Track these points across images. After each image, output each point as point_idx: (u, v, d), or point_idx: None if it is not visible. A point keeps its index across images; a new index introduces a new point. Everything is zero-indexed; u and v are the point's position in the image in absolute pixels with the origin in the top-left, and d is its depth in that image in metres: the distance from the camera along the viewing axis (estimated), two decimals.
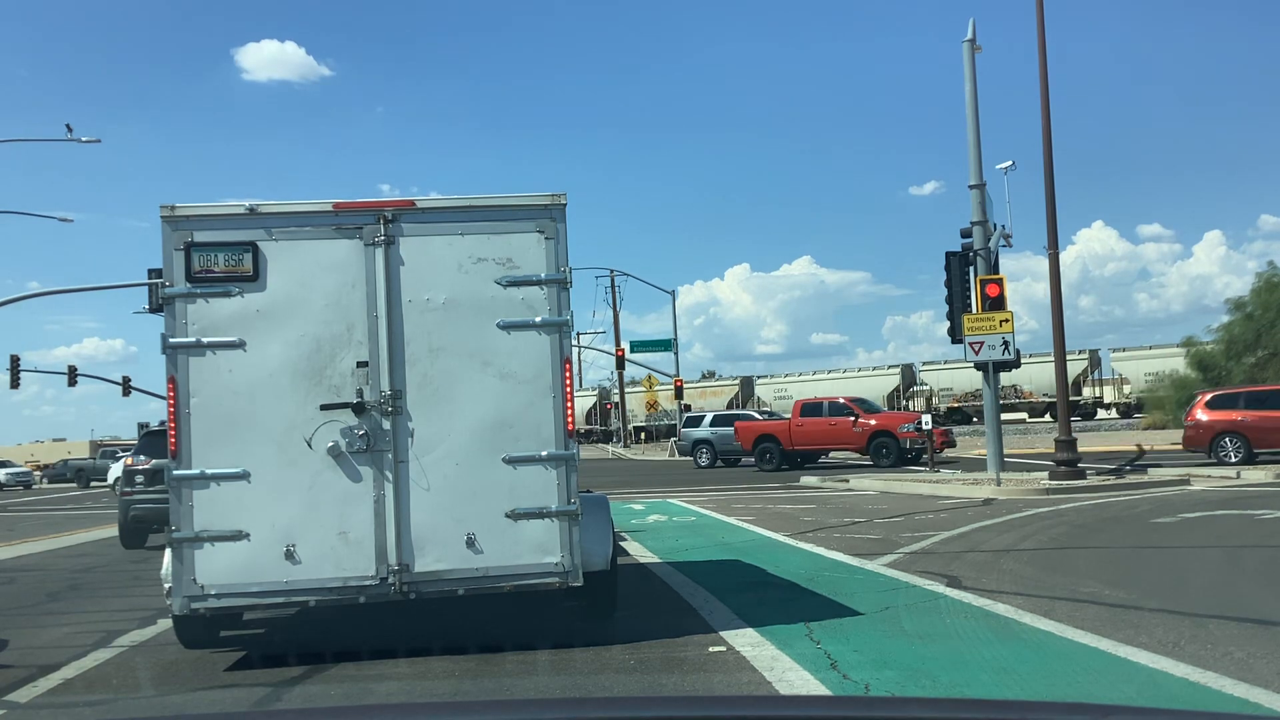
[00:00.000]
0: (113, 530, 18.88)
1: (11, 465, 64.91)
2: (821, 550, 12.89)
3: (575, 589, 7.84)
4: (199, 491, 7.42)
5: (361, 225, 7.70)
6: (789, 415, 34.47)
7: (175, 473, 7.44)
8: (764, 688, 6.38)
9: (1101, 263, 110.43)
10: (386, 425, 7.59)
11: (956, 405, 59.61)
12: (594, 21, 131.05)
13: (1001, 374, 23.62)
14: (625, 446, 66.28)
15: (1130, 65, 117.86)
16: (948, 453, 32.92)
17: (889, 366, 65.56)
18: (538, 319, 7.75)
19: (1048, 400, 54.67)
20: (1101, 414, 57.30)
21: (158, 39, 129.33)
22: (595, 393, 72.07)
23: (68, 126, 35.83)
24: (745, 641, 7.61)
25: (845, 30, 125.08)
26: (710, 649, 7.48)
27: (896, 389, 62.11)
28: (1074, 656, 6.90)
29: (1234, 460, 24.12)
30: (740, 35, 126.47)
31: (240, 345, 7.52)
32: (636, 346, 62.85)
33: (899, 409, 55.05)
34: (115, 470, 37.04)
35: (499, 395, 7.69)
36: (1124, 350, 58.02)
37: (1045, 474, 21.88)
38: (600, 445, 69.31)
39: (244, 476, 7.44)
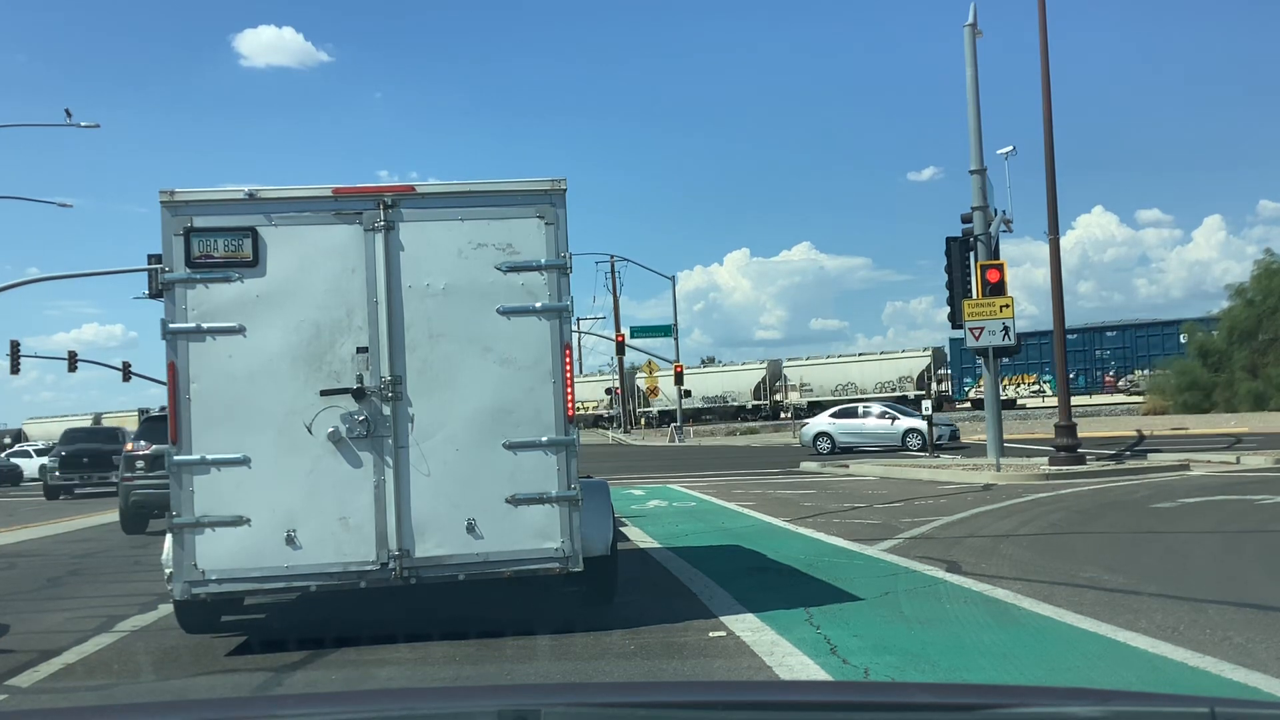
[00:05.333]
0: (114, 515, 18.92)
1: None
2: (821, 535, 12.91)
3: (575, 574, 7.84)
4: (199, 477, 7.42)
5: (361, 210, 7.69)
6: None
7: (176, 458, 7.44)
8: (764, 672, 6.40)
9: (1101, 248, 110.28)
10: (386, 411, 7.58)
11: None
12: (594, 7, 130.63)
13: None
14: (626, 432, 66.34)
15: (1130, 51, 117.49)
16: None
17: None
18: (538, 304, 7.74)
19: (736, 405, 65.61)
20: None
21: (156, 25, 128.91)
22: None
23: (67, 112, 35.67)
24: (745, 626, 7.63)
25: (844, 15, 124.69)
26: (710, 634, 7.49)
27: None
28: (1073, 641, 6.91)
29: None
30: (740, 21, 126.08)
31: (240, 331, 7.51)
32: (637, 332, 62.82)
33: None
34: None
35: (499, 381, 7.68)
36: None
37: (1045, 459, 21.91)
38: (601, 430, 69.25)
39: (244, 462, 7.44)
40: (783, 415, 62.47)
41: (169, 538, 7.55)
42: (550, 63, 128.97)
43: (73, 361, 55.30)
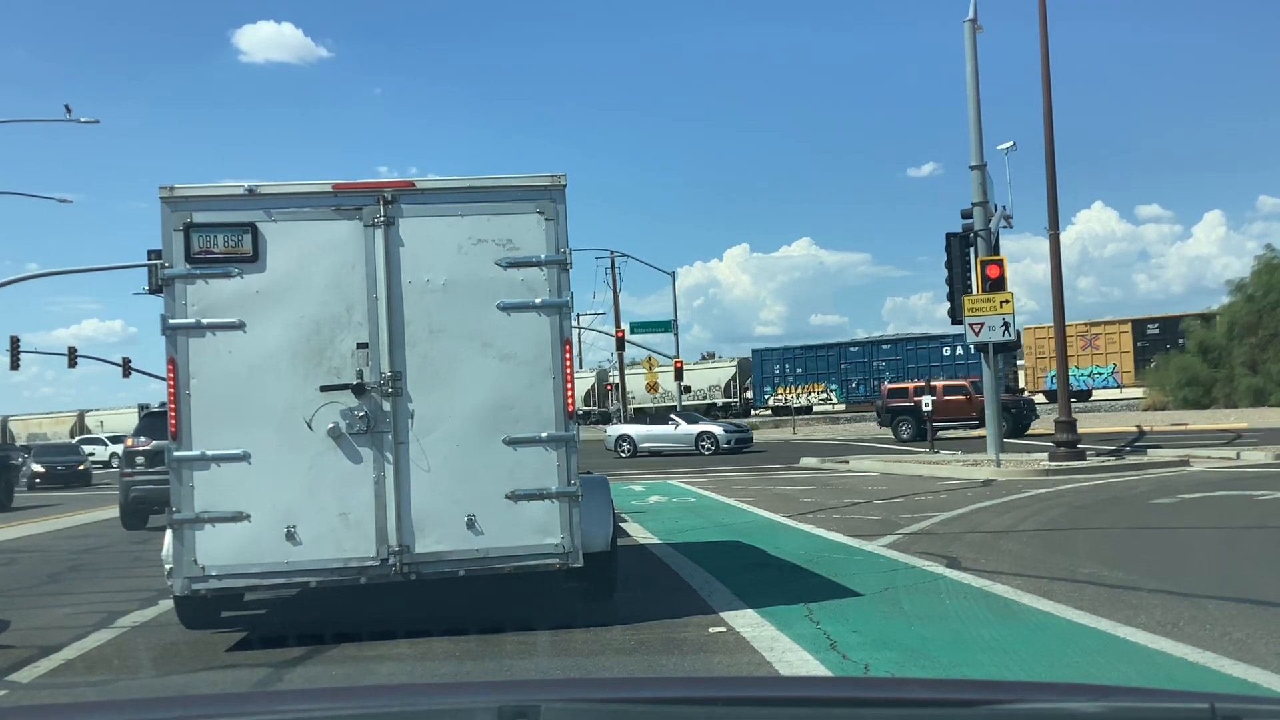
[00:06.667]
0: (114, 511, 18.92)
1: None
2: (821, 531, 12.91)
3: (575, 570, 7.85)
4: (199, 473, 7.42)
5: (361, 206, 7.68)
6: None
7: (176, 454, 7.44)
8: (764, 668, 6.40)
9: (1101, 244, 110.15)
10: (386, 406, 7.58)
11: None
12: (594, 2, 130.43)
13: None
14: None
15: (1130, 47, 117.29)
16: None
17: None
18: (538, 300, 7.74)
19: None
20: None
21: (156, 21, 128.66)
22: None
23: (66, 107, 35.55)
24: (745, 622, 7.63)
25: (844, 10, 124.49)
26: (710, 630, 7.50)
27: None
28: (1073, 637, 6.92)
29: None
30: (739, 16, 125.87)
31: (240, 326, 7.51)
32: (636, 328, 62.75)
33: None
34: None
35: (499, 376, 7.68)
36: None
37: (1045, 455, 21.91)
38: (599, 426, 69.83)
39: (244, 458, 7.44)
40: (612, 420, 65.91)
41: (169, 533, 7.56)
42: (550, 58, 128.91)
43: (73, 357, 55.19)
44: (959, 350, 52.35)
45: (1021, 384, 54.00)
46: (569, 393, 7.75)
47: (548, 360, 7.73)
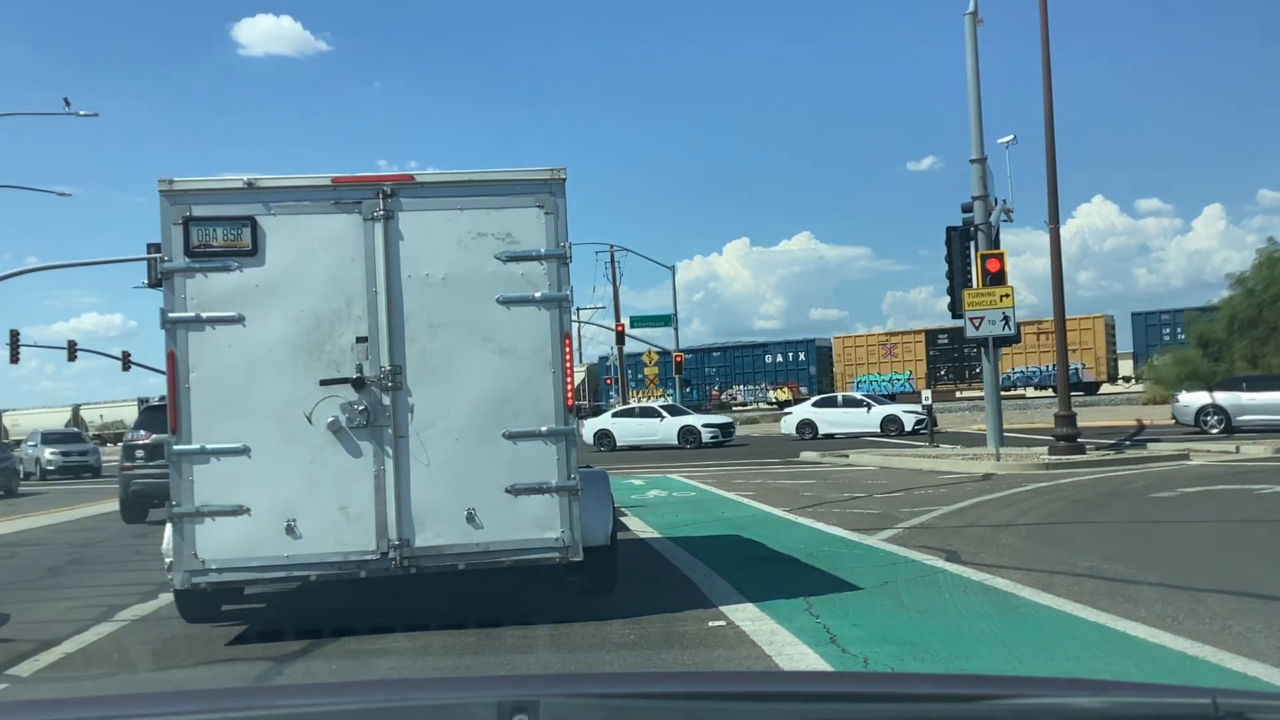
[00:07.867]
0: (114, 505, 18.93)
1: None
2: (821, 525, 12.92)
3: (575, 564, 7.84)
4: (199, 466, 7.42)
5: (360, 200, 7.67)
6: None
7: (175, 448, 7.43)
8: (764, 662, 6.40)
9: (1101, 237, 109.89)
10: (386, 401, 7.58)
11: None
12: None
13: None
14: None
15: (1131, 42, 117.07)
16: None
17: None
18: (537, 294, 7.73)
19: None
20: None
21: (155, 15, 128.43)
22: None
23: (65, 100, 35.56)
24: (745, 616, 7.63)
25: (844, 4, 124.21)
26: (710, 624, 7.50)
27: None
28: (1072, 630, 6.92)
29: None
30: (739, 10, 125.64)
31: (239, 320, 7.50)
32: (636, 322, 62.71)
33: None
34: None
35: (499, 371, 7.68)
36: None
37: (1045, 449, 21.90)
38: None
39: (244, 452, 7.44)
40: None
41: (169, 527, 7.55)
42: (550, 52, 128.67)
43: (72, 351, 55.15)
44: (779, 358, 58.89)
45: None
46: (569, 387, 7.74)
47: (547, 354, 7.73)
